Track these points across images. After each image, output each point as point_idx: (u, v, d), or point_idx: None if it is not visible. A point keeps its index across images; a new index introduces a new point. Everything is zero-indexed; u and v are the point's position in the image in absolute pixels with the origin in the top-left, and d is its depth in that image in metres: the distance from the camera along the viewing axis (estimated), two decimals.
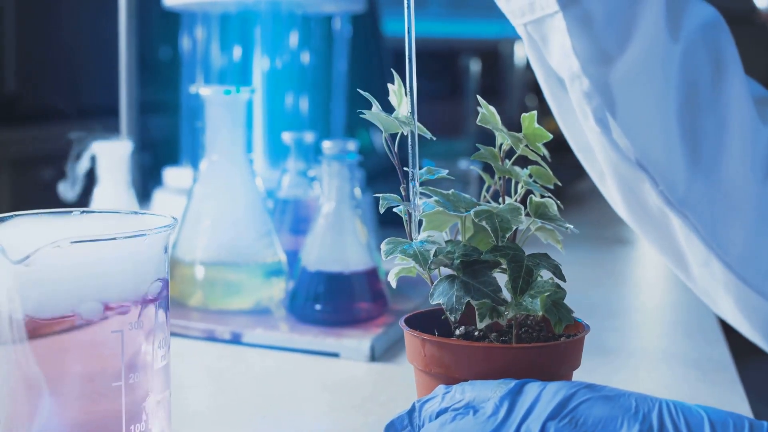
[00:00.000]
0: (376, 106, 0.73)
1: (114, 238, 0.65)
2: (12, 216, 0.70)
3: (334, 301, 1.00)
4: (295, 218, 1.15)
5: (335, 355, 0.95)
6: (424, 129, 0.74)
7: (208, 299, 1.04)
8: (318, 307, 1.00)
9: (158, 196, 1.36)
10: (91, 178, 1.08)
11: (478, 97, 0.73)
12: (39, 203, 1.00)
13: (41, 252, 0.63)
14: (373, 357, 0.95)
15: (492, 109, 0.73)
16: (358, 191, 1.02)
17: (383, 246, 0.69)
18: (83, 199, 1.08)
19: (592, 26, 0.77)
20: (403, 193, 0.72)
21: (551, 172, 0.74)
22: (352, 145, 1.06)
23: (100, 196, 1.06)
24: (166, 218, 0.70)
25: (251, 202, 1.06)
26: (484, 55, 2.07)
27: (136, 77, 1.30)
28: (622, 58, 0.78)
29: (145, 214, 0.72)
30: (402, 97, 0.74)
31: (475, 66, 2.05)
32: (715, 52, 0.79)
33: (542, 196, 0.74)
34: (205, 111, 1.05)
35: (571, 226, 0.73)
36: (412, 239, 0.70)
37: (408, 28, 0.74)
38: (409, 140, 0.71)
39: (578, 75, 0.78)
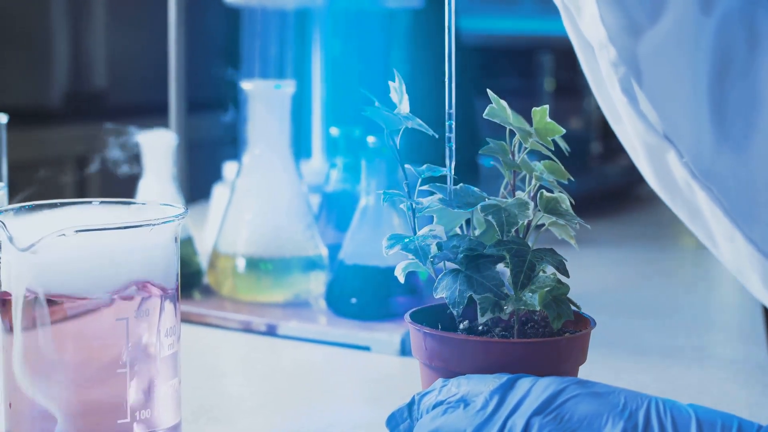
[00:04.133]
0: (377, 103, 0.73)
1: (118, 228, 0.67)
2: (31, 205, 0.72)
3: (369, 295, 1.01)
4: (341, 213, 1.16)
5: (366, 348, 0.96)
6: (425, 126, 0.74)
7: (247, 291, 1.05)
8: (354, 300, 1.01)
9: (218, 190, 1.38)
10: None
11: (489, 91, 0.72)
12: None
13: (47, 240, 0.65)
14: (404, 351, 0.95)
15: (503, 103, 0.73)
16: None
17: (384, 241, 0.69)
18: (130, 190, 1.10)
19: None
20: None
21: (563, 167, 0.74)
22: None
23: (144, 188, 1.08)
24: (178, 209, 0.71)
25: (293, 195, 1.07)
26: (559, 52, 2.06)
27: (184, 74, 1.31)
28: (651, 30, 0.77)
29: (160, 204, 0.74)
30: (403, 94, 0.74)
31: (549, 63, 2.04)
32: (751, 27, 0.78)
33: (560, 192, 0.73)
34: (248, 105, 1.07)
35: (582, 222, 0.72)
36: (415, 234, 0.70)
37: (449, 24, 0.74)
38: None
39: (605, 44, 0.77)
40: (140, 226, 0.67)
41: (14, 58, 2.68)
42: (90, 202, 0.74)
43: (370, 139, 1.07)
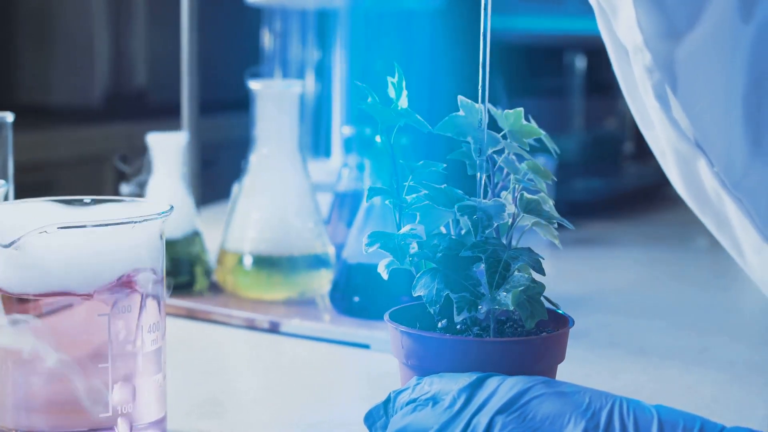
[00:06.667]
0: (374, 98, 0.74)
1: (99, 225, 0.68)
2: (21, 202, 0.73)
3: (372, 294, 1.01)
4: (352, 212, 1.17)
5: (366, 346, 0.97)
6: (422, 121, 0.74)
7: (254, 289, 1.06)
8: (356, 299, 1.01)
9: (236, 189, 1.39)
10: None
11: (460, 97, 0.73)
12: None
13: (29, 237, 0.66)
14: None
15: (478, 107, 0.73)
16: None
17: (365, 239, 0.70)
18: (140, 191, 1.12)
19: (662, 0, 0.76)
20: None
21: (546, 169, 0.74)
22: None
23: (154, 188, 1.09)
24: (163, 207, 0.72)
25: (300, 194, 1.08)
26: (593, 52, 2.05)
27: (197, 75, 1.33)
28: (690, 35, 0.76)
29: (147, 203, 0.75)
30: (402, 89, 0.75)
31: (581, 63, 2.03)
32: None
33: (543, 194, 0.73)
34: (256, 104, 1.08)
35: (565, 222, 0.72)
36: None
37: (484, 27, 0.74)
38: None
39: (641, 48, 0.77)
40: (122, 223, 0.69)
41: (57, 58, 2.72)
42: (81, 200, 0.75)
43: (378, 139, 1.08)
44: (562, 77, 2.07)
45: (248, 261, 1.07)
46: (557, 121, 2.06)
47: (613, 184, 1.88)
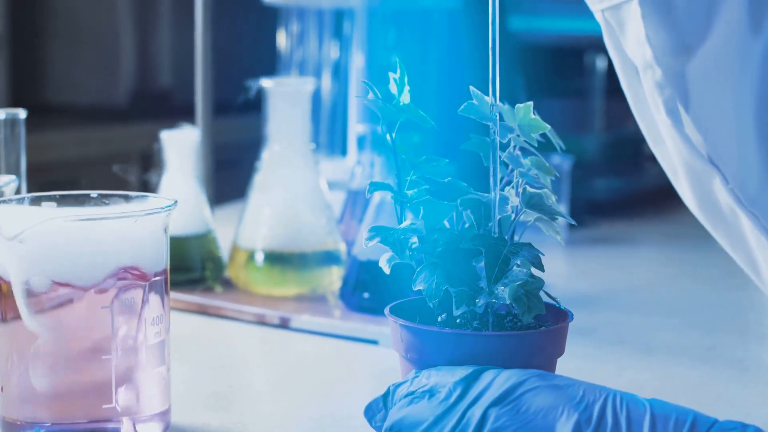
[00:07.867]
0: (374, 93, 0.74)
1: (102, 218, 0.69)
2: (29, 197, 0.74)
3: (382, 290, 1.02)
4: (365, 209, 1.17)
5: (374, 342, 0.97)
6: (425, 117, 0.75)
7: (265, 285, 1.07)
8: (366, 295, 1.02)
9: None
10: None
11: (471, 87, 0.73)
12: None
13: (33, 230, 0.67)
14: None
15: (487, 99, 0.73)
16: None
17: (365, 233, 0.70)
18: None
19: (671, 15, 0.75)
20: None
21: (548, 164, 0.74)
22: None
23: (167, 185, 1.10)
24: (167, 201, 0.73)
25: (312, 191, 1.09)
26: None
27: (211, 76, 1.34)
28: (700, 49, 0.75)
29: (153, 197, 0.76)
30: (404, 85, 0.75)
31: (601, 63, 2.03)
32: None
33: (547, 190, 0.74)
34: (268, 102, 1.09)
35: (567, 217, 0.72)
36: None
37: (492, 21, 0.74)
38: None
39: (651, 64, 0.76)
40: (124, 217, 0.69)
41: (83, 58, 2.74)
42: (88, 195, 0.76)
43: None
44: (583, 78, 2.07)
45: (260, 257, 1.07)
46: (578, 121, 2.06)
47: (633, 184, 1.87)
